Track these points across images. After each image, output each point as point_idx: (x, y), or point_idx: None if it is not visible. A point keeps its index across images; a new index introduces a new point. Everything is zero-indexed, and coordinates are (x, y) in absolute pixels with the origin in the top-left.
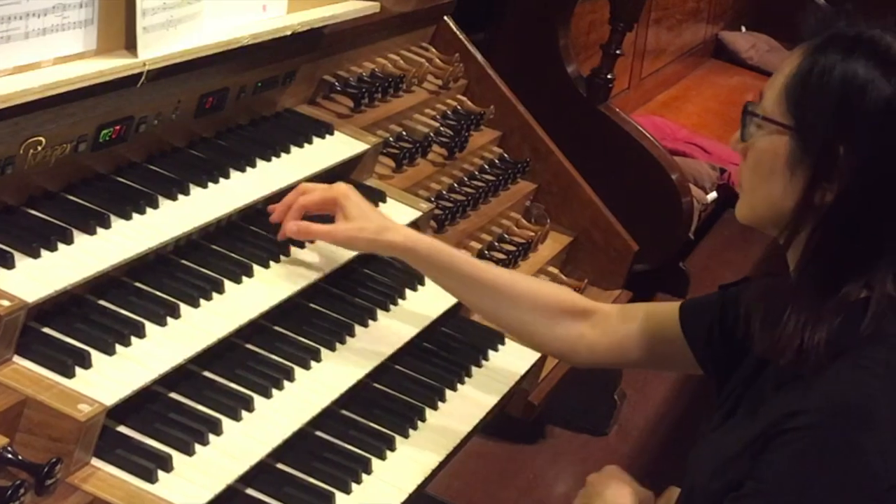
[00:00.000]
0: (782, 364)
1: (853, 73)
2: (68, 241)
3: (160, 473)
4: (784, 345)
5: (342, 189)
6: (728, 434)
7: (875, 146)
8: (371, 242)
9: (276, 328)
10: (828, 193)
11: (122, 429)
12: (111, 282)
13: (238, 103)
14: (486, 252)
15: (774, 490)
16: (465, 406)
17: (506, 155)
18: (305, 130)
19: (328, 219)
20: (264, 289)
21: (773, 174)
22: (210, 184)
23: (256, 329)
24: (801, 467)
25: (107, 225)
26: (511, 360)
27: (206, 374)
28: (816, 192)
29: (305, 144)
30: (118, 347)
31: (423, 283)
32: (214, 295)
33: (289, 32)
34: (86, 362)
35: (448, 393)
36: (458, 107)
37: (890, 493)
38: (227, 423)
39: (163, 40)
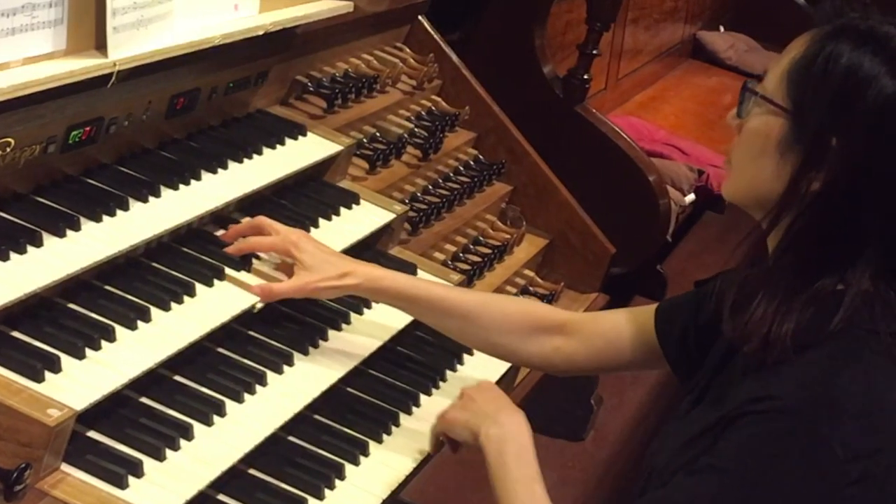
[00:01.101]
0: (747, 351)
1: (858, 66)
2: (37, 243)
3: (131, 479)
4: (751, 331)
5: (293, 239)
6: (692, 421)
7: (868, 142)
8: (335, 289)
9: (249, 332)
10: (815, 182)
11: (93, 434)
12: (81, 285)
13: (209, 104)
14: (461, 255)
15: (730, 468)
16: (439, 411)
17: (481, 156)
18: (278, 131)
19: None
20: (236, 292)
21: (763, 155)
22: (181, 186)
23: (228, 333)
24: (761, 449)
25: (76, 227)
26: (485, 366)
27: (178, 378)
28: (804, 179)
29: (278, 146)
30: (88, 351)
31: None
32: (186, 298)
33: (261, 32)
34: (55, 366)
35: (422, 398)
36: (433, 107)
37: (851, 487)
38: (198, 428)
39: (133, 40)
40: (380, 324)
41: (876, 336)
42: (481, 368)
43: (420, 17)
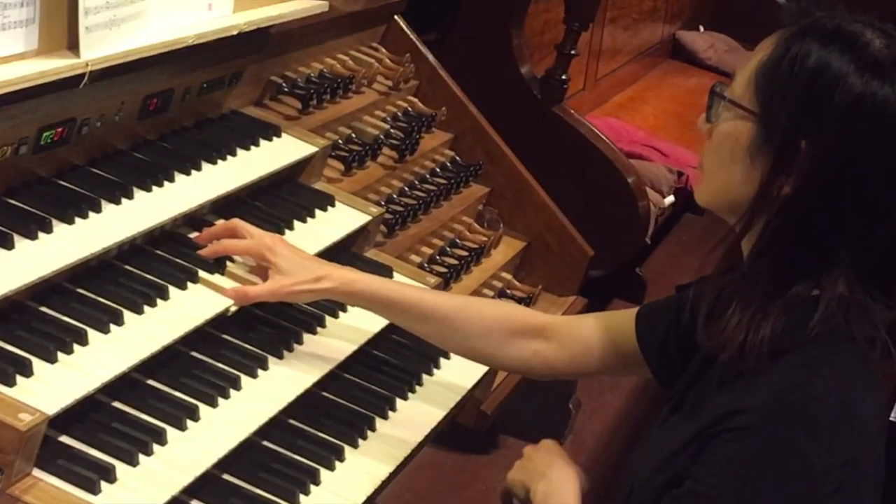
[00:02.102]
0: (723, 359)
1: (826, 65)
2: (9, 246)
3: (103, 484)
4: (727, 339)
5: (267, 243)
6: (670, 432)
7: (837, 142)
8: (310, 293)
9: (223, 335)
10: (786, 185)
11: (65, 439)
12: (53, 288)
13: (183, 105)
14: (438, 257)
15: (713, 491)
16: (415, 415)
17: (458, 158)
18: (252, 132)
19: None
20: (210, 295)
21: (733, 160)
22: (154, 187)
23: (202, 336)
24: (740, 468)
25: (48, 230)
26: (463, 369)
27: (151, 382)
28: (775, 183)
29: (252, 147)
30: (60, 355)
31: None
32: (159, 301)
33: (235, 32)
34: (27, 370)
35: (398, 402)
36: (409, 108)
37: (831, 498)
38: (171, 432)
39: (106, 40)
40: (355, 327)
41: (852, 342)
42: (458, 372)
43: (396, 17)
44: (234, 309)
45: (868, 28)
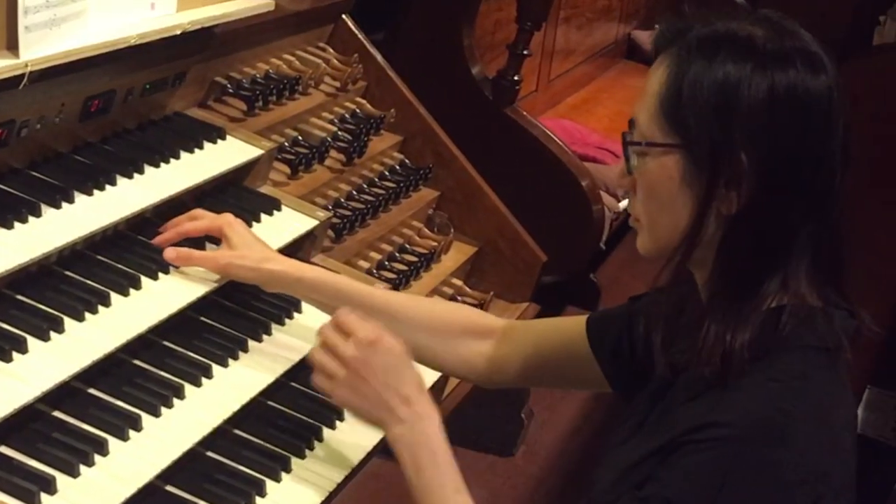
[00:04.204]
0: (708, 374)
1: (724, 76)
2: None
3: (43, 496)
4: (708, 355)
5: (228, 218)
6: (633, 449)
7: (768, 140)
8: (252, 271)
9: (166, 343)
10: (731, 201)
11: (3, 449)
12: None
13: (125, 106)
14: (387, 263)
15: (679, 498)
16: (364, 425)
17: (407, 161)
18: (196, 135)
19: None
20: (153, 301)
21: (671, 199)
22: (96, 191)
23: (145, 344)
24: (710, 477)
25: None
26: None
27: (92, 391)
28: (715, 202)
29: (196, 149)
30: None
31: None
32: (100, 308)
33: (178, 32)
34: None
35: (347, 412)
36: (357, 110)
37: None
38: (113, 442)
39: (46, 40)
40: (303, 335)
41: (821, 351)
42: None
43: (344, 16)
44: (178, 308)
45: (744, 23)
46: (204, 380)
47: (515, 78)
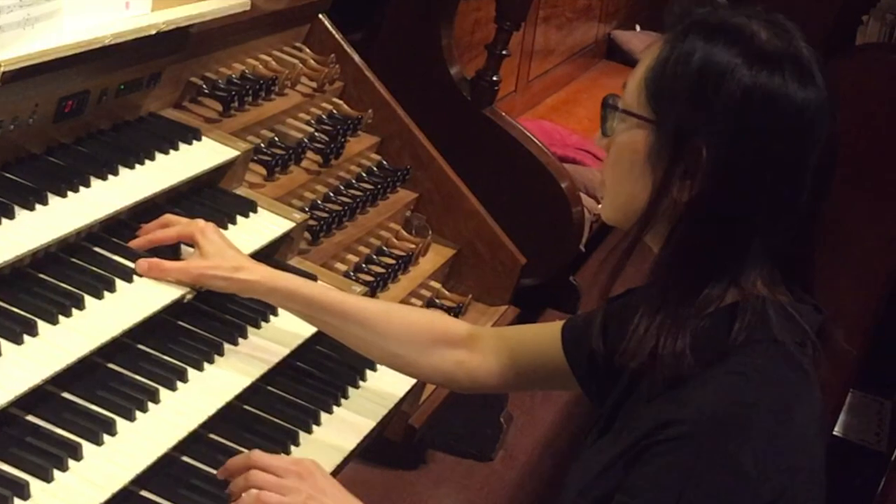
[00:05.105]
0: (634, 368)
1: (712, 60)
2: None
3: (16, 501)
4: (635, 347)
5: (200, 225)
6: (600, 451)
7: (733, 138)
8: (225, 280)
9: (141, 346)
10: (685, 188)
11: None
12: None
13: (99, 107)
14: (364, 266)
15: (647, 502)
16: (341, 429)
17: (385, 162)
18: (171, 136)
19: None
20: (128, 305)
21: (633, 171)
22: (69, 193)
23: (119, 347)
24: (674, 478)
25: None
26: (390, 381)
27: (66, 395)
28: (672, 185)
29: (171, 151)
30: None
31: None
32: (74, 311)
33: (153, 31)
34: None
35: (323, 416)
36: (334, 111)
37: None
38: (87, 447)
39: (19, 40)
40: (279, 338)
41: (780, 346)
42: (385, 384)
43: (321, 16)
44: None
45: (753, 20)
46: (179, 384)
47: (494, 78)
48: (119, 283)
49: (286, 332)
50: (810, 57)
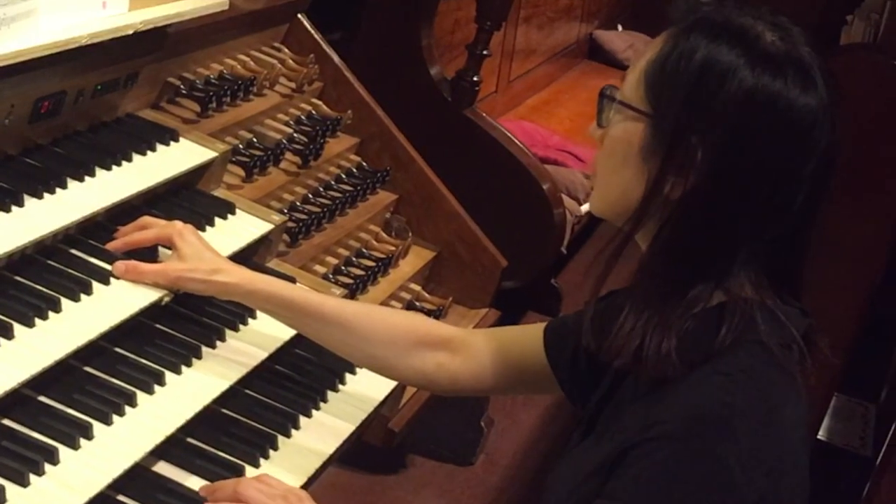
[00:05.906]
0: (618, 366)
1: (715, 59)
2: None
3: None
4: (621, 344)
5: (178, 227)
6: (584, 453)
7: (729, 139)
8: (203, 283)
9: (118, 349)
10: (677, 186)
11: None
12: None
13: (76, 108)
14: (344, 268)
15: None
16: (320, 433)
17: (364, 163)
18: (148, 137)
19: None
20: (105, 307)
21: (626, 164)
22: (46, 194)
23: (96, 351)
24: (658, 479)
25: None
26: (370, 384)
27: (42, 399)
28: (665, 182)
29: (148, 152)
30: None
31: None
32: (51, 314)
33: (131, 31)
34: None
35: (302, 419)
36: (313, 111)
37: None
38: (64, 451)
39: None
40: (258, 341)
41: (766, 348)
42: (365, 388)
43: (299, 16)
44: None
45: (759, 21)
46: (157, 387)
47: (475, 79)
48: (96, 285)
49: (265, 335)
50: (813, 62)
